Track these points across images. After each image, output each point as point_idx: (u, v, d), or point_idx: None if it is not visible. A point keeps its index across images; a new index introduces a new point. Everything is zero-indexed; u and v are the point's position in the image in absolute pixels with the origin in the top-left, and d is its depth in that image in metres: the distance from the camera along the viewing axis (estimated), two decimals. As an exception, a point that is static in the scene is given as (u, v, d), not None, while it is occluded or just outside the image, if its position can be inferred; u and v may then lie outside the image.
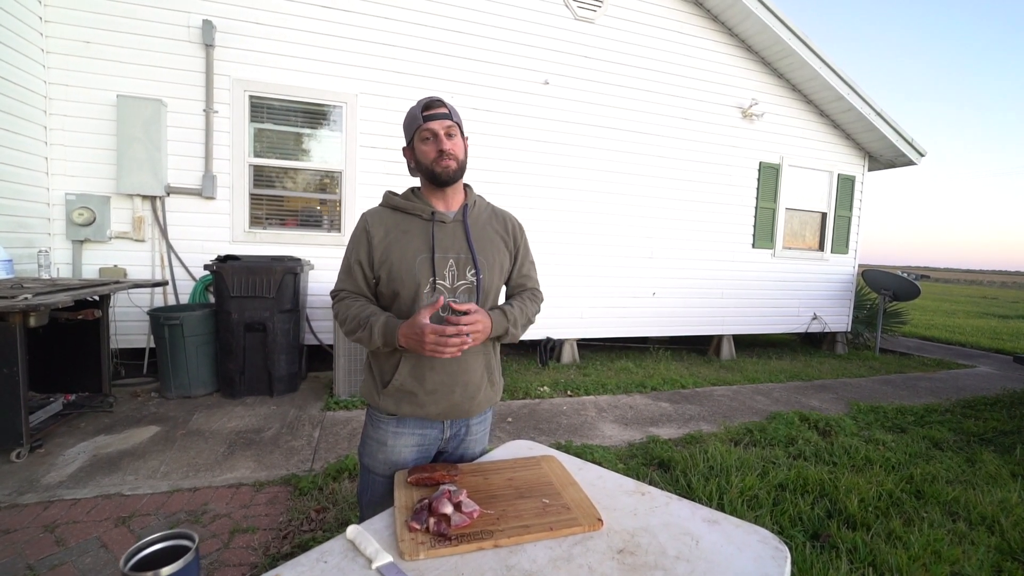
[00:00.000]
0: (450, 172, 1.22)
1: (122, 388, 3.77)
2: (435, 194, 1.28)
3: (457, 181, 1.27)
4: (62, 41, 3.86)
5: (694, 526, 1.03)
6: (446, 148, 1.20)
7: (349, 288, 1.29)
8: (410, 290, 1.21)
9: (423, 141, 1.23)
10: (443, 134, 1.21)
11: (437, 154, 1.21)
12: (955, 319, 12.45)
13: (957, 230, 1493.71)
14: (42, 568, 1.82)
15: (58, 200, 3.93)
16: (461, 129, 1.27)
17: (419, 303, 1.21)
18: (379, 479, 1.29)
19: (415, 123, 1.23)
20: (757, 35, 5.69)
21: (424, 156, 1.23)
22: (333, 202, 4.68)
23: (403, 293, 1.22)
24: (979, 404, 4.59)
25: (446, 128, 1.22)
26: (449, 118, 1.23)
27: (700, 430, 3.58)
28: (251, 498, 2.37)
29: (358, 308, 1.23)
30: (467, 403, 1.29)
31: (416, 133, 1.23)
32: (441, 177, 1.23)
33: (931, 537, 2.21)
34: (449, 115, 1.23)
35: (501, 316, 1.26)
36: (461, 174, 1.26)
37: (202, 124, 4.19)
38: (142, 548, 0.71)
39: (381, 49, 4.58)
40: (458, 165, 1.24)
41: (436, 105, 1.23)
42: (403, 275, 1.21)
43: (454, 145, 1.23)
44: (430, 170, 1.23)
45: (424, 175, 1.27)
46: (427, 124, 1.21)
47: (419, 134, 1.23)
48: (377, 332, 1.17)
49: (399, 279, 1.22)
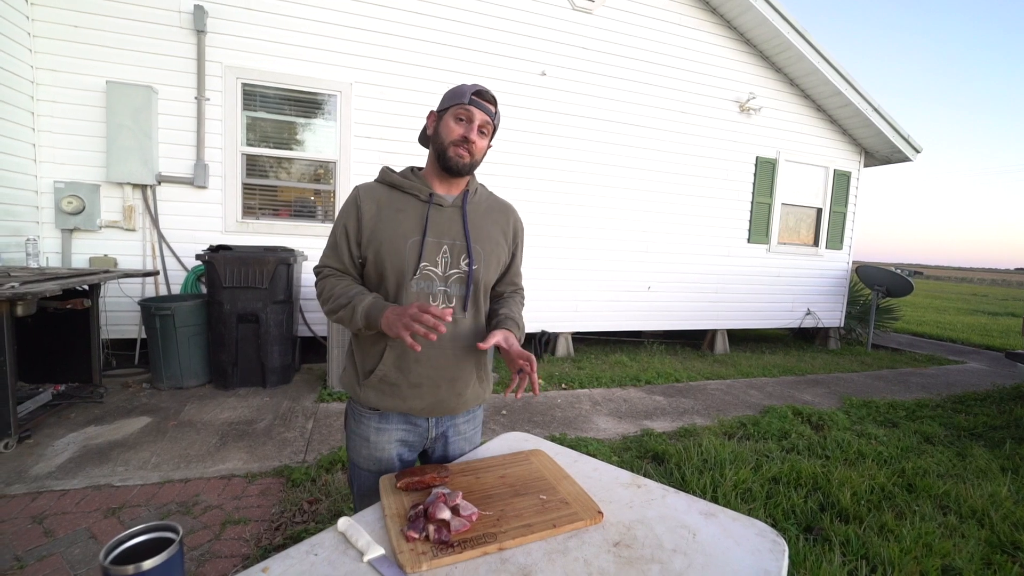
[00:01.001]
0: (461, 162, 1.17)
1: (113, 379, 3.73)
2: (437, 176, 1.22)
3: (462, 176, 1.21)
4: (49, 25, 3.77)
5: (691, 519, 1.02)
6: (472, 137, 1.15)
7: (333, 264, 1.22)
8: (397, 274, 1.15)
9: (456, 119, 1.16)
10: (477, 124, 1.16)
11: (461, 138, 1.15)
12: (946, 316, 12.56)
13: (949, 228, 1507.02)
14: (30, 559, 1.79)
15: (46, 188, 3.86)
16: (493, 134, 1.23)
17: (405, 290, 1.15)
18: (365, 473, 1.24)
19: (459, 98, 1.16)
20: (756, 28, 5.66)
21: (448, 132, 1.16)
22: (327, 192, 4.62)
23: (389, 276, 1.16)
24: (969, 399, 4.63)
25: (483, 122, 1.17)
26: (491, 117, 1.18)
27: (694, 423, 3.59)
28: (243, 489, 2.35)
29: (344, 286, 1.16)
30: (453, 399, 1.23)
31: (454, 107, 1.17)
32: (450, 162, 1.17)
33: (922, 530, 2.22)
34: (494, 114, 1.19)
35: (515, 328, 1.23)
36: (468, 171, 1.20)
37: (194, 112, 4.12)
38: (123, 541, 0.68)
39: (376, 38, 4.51)
40: (471, 161, 1.18)
41: (488, 97, 1.18)
42: (392, 257, 1.15)
43: (480, 142, 1.18)
44: (443, 149, 1.17)
45: (435, 150, 1.20)
46: (470, 106, 1.15)
47: (456, 110, 1.16)
48: (360, 312, 1.10)
49: (387, 261, 1.15)
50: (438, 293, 1.18)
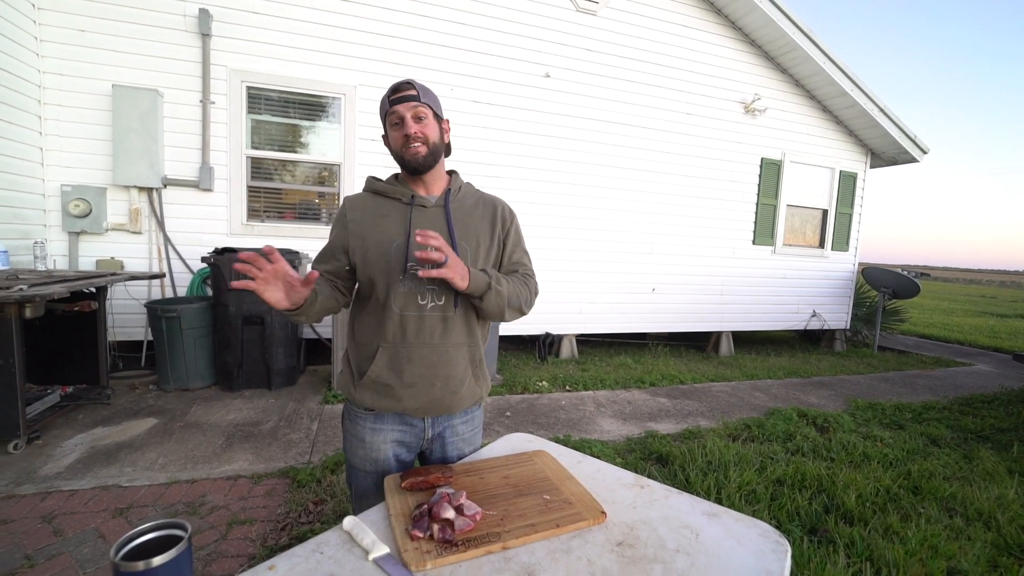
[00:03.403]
0: (419, 158, 1.16)
1: (120, 380, 3.76)
2: (415, 180, 1.23)
3: (431, 167, 1.19)
4: (56, 29, 3.82)
5: (694, 519, 1.02)
6: (411, 132, 1.14)
7: (323, 268, 1.24)
8: (385, 276, 1.16)
9: (392, 127, 1.18)
10: (410, 117, 1.14)
11: (403, 139, 1.15)
12: (953, 318, 12.46)
13: (957, 229, 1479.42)
14: (40, 558, 1.81)
15: (54, 191, 3.90)
16: (435, 110, 1.19)
17: (394, 291, 1.16)
18: (362, 474, 1.24)
19: (383, 108, 1.18)
20: (761, 29, 5.65)
21: (394, 143, 1.18)
22: (331, 195, 4.65)
23: (378, 279, 1.17)
24: (977, 402, 4.60)
25: (414, 111, 1.15)
26: (417, 99, 1.15)
27: (698, 426, 3.58)
28: (249, 490, 2.36)
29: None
30: (448, 398, 1.22)
31: (386, 119, 1.18)
32: (410, 164, 1.17)
33: (928, 532, 2.21)
34: (417, 96, 1.15)
35: (482, 274, 1.14)
36: (434, 159, 1.18)
37: (199, 115, 4.15)
38: (133, 538, 0.70)
39: (380, 40, 4.54)
40: (429, 150, 1.16)
41: (403, 88, 1.15)
42: (378, 260, 1.17)
43: (423, 128, 1.15)
44: (400, 157, 1.19)
45: (398, 163, 1.22)
46: (394, 108, 1.15)
47: (388, 120, 1.18)
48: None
49: (373, 264, 1.17)
50: (427, 292, 1.17)
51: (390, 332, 1.17)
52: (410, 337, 1.18)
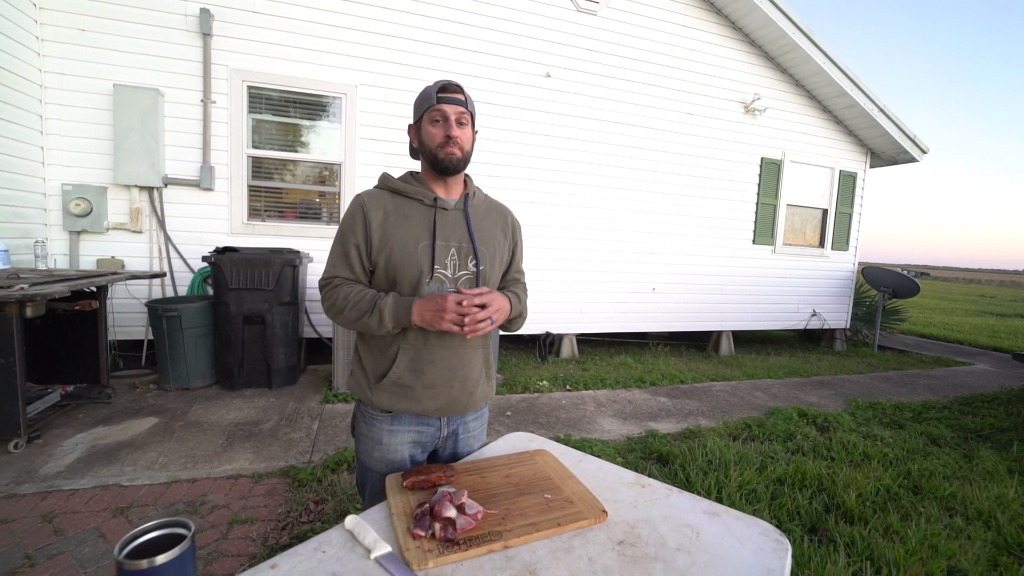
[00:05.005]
0: (454, 160, 1.17)
1: (120, 380, 3.76)
2: (435, 181, 1.23)
3: (460, 172, 1.22)
4: (57, 29, 3.81)
5: (695, 518, 1.02)
6: (454, 134, 1.15)
7: (344, 275, 1.20)
8: (411, 279, 1.16)
9: (432, 123, 1.17)
10: (454, 120, 1.16)
11: (444, 139, 1.16)
12: (953, 317, 12.47)
13: (957, 229, 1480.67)
14: (40, 557, 1.81)
15: (54, 190, 3.90)
16: (473, 120, 1.22)
17: (418, 294, 1.16)
18: (378, 476, 1.24)
19: (427, 102, 1.17)
20: (761, 29, 5.65)
21: (430, 139, 1.18)
22: (332, 194, 4.65)
23: (402, 282, 1.17)
24: (977, 401, 4.60)
25: (458, 114, 1.16)
26: (464, 105, 1.18)
27: (699, 425, 3.58)
28: (250, 489, 2.37)
29: (358, 293, 1.16)
30: (465, 398, 1.25)
31: (426, 113, 1.18)
32: (443, 163, 1.18)
33: (928, 532, 2.21)
34: (464, 102, 1.18)
35: (515, 299, 1.25)
36: (464, 165, 1.21)
37: (200, 115, 4.15)
38: (137, 536, 0.70)
39: (381, 40, 4.54)
40: (462, 155, 1.19)
41: (453, 88, 1.17)
42: (404, 262, 1.16)
43: (463, 134, 1.18)
44: (433, 154, 1.18)
45: (426, 158, 1.22)
46: (440, 105, 1.15)
47: (429, 114, 1.17)
48: (388, 313, 1.11)
49: (399, 267, 1.16)
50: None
51: (411, 334, 1.18)
52: (432, 339, 1.19)
